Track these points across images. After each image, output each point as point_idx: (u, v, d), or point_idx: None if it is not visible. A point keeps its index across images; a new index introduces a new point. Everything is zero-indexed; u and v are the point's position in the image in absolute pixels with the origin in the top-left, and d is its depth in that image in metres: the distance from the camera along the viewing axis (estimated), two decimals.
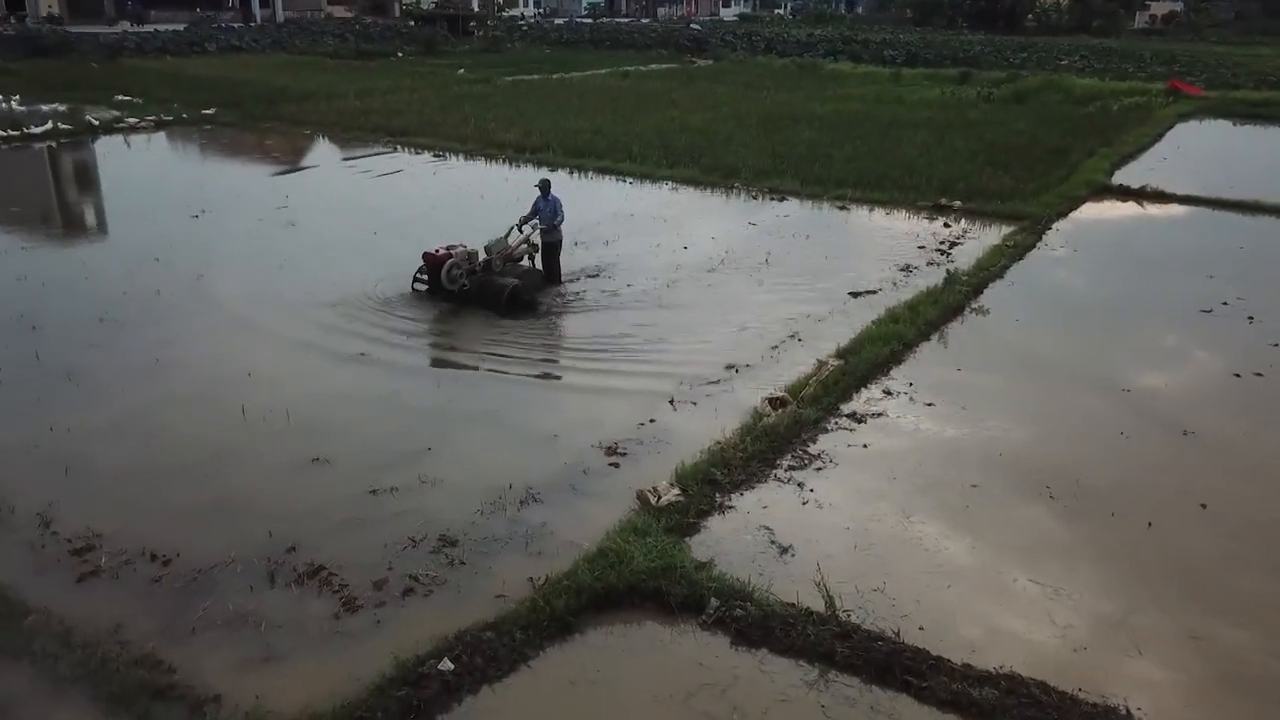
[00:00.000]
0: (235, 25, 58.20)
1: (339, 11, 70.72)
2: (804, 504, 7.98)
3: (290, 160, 23.31)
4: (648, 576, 6.67)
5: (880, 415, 9.64)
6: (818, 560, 7.09)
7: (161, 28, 54.97)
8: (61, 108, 28.43)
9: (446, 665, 5.88)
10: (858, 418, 9.55)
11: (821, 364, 10.59)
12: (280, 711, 5.49)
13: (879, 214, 18.32)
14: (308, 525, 7.47)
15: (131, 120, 26.65)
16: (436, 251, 12.47)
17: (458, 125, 25.66)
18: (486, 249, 12.77)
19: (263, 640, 6.20)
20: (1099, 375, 10.75)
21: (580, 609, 6.46)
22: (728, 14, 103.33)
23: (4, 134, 24.04)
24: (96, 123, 25.92)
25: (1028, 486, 8.31)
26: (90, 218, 18.68)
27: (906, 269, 14.57)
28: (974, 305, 13.08)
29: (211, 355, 10.90)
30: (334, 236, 15.93)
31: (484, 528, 7.50)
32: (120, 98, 30.58)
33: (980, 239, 16.41)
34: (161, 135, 25.92)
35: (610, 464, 8.59)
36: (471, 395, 10.13)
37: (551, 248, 13.43)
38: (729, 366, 10.75)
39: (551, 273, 13.46)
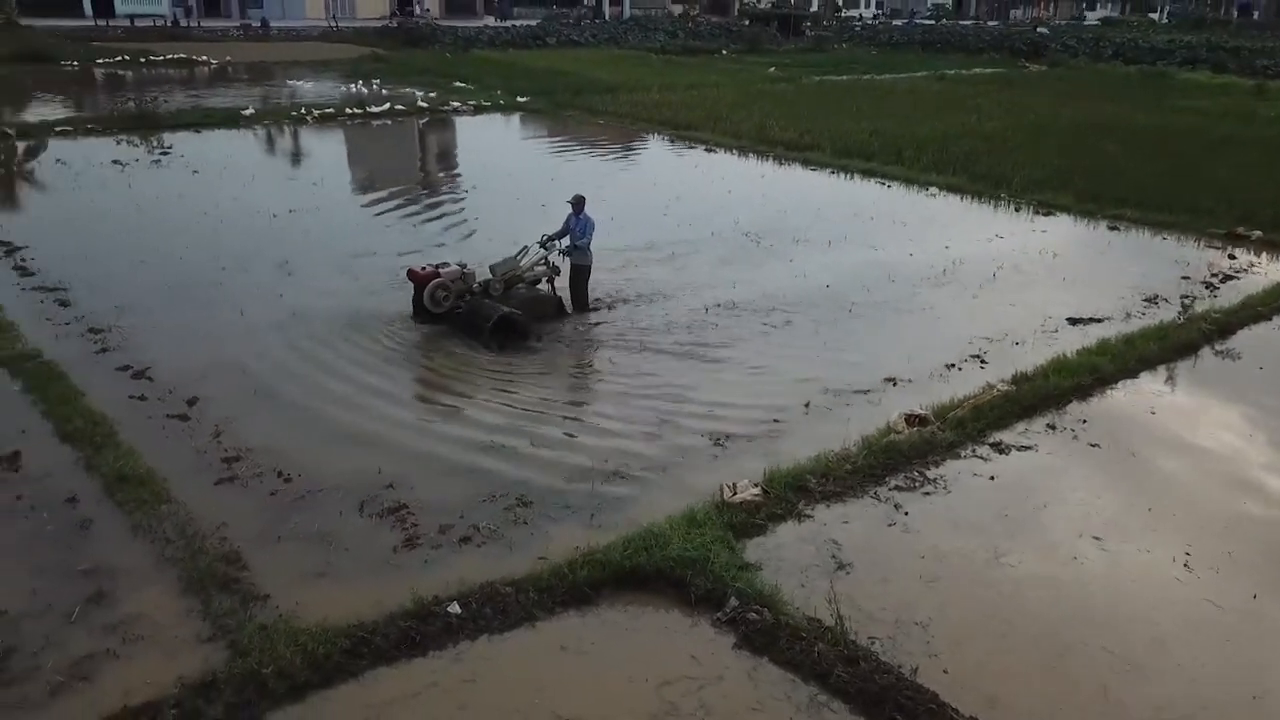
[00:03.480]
0: (583, 21, 62.45)
1: (680, 10, 73.61)
2: (889, 525, 7.57)
3: (569, 143, 24.89)
4: (677, 564, 6.69)
5: (1029, 449, 8.84)
6: (869, 582, 6.77)
7: (518, 23, 60.31)
8: (410, 90, 32.22)
9: (455, 609, 6.31)
10: (1001, 448, 8.83)
11: (989, 388, 9.85)
12: (307, 618, 6.17)
13: (1156, 238, 16.43)
14: (412, 469, 8.21)
15: (455, 104, 29.68)
16: (423, 270, 11.15)
17: (740, 122, 26.05)
18: (491, 269, 11.55)
19: (327, 559, 6.97)
20: None
21: (602, 583, 6.63)
22: (1092, 17, 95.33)
23: (351, 111, 27.71)
24: (425, 105, 29.17)
25: (1158, 574, 7.25)
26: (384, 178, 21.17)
27: (1153, 300, 13.00)
28: (1218, 347, 11.47)
29: None
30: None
31: (561, 496, 7.84)
32: (458, 84, 34.10)
33: (1267, 274, 14.25)
34: (474, 118, 28.62)
35: (712, 454, 8.62)
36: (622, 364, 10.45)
37: (579, 271, 11.95)
38: (888, 379, 10.28)
39: (579, 299, 11.97)
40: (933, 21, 75.30)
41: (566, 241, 11.80)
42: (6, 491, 7.63)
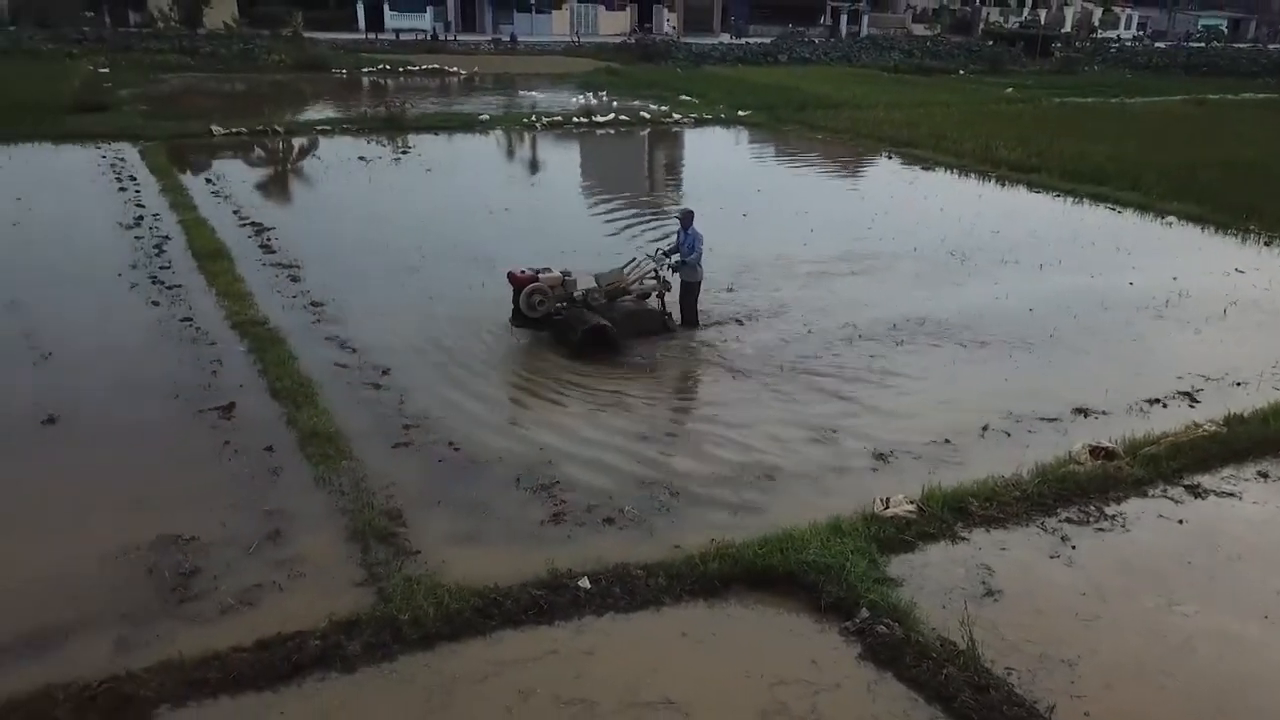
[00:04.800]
0: (816, 40, 62.04)
1: (920, 29, 71.64)
2: (1052, 558, 7.09)
3: (782, 156, 24.79)
4: (811, 569, 6.56)
5: (1231, 496, 8.02)
6: (1018, 612, 6.38)
7: (753, 40, 60.72)
8: (637, 102, 33.20)
9: (585, 584, 6.48)
10: (1197, 491, 8.05)
11: (1194, 427, 9.01)
12: (448, 576, 6.53)
13: None
14: (572, 451, 8.50)
15: (676, 116, 30.30)
16: (523, 273, 10.96)
17: (964, 140, 25.05)
18: (596, 278, 11.32)
19: (478, 524, 7.34)
20: None
21: (734, 578, 6.61)
22: None
23: (578, 120, 28.87)
24: (647, 116, 29.95)
25: None
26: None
27: None
28: None
29: None
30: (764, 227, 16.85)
31: (710, 491, 7.88)
32: (684, 97, 34.77)
33: None
34: (694, 130, 29.08)
35: (871, 468, 8.38)
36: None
37: (688, 288, 11.59)
38: (1079, 409, 9.61)
39: (687, 315, 11.58)
40: (1203, 44, 69.28)
41: (677, 257, 11.51)
42: (218, 436, 8.53)
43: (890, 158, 24.49)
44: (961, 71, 48.58)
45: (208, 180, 19.32)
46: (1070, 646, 6.08)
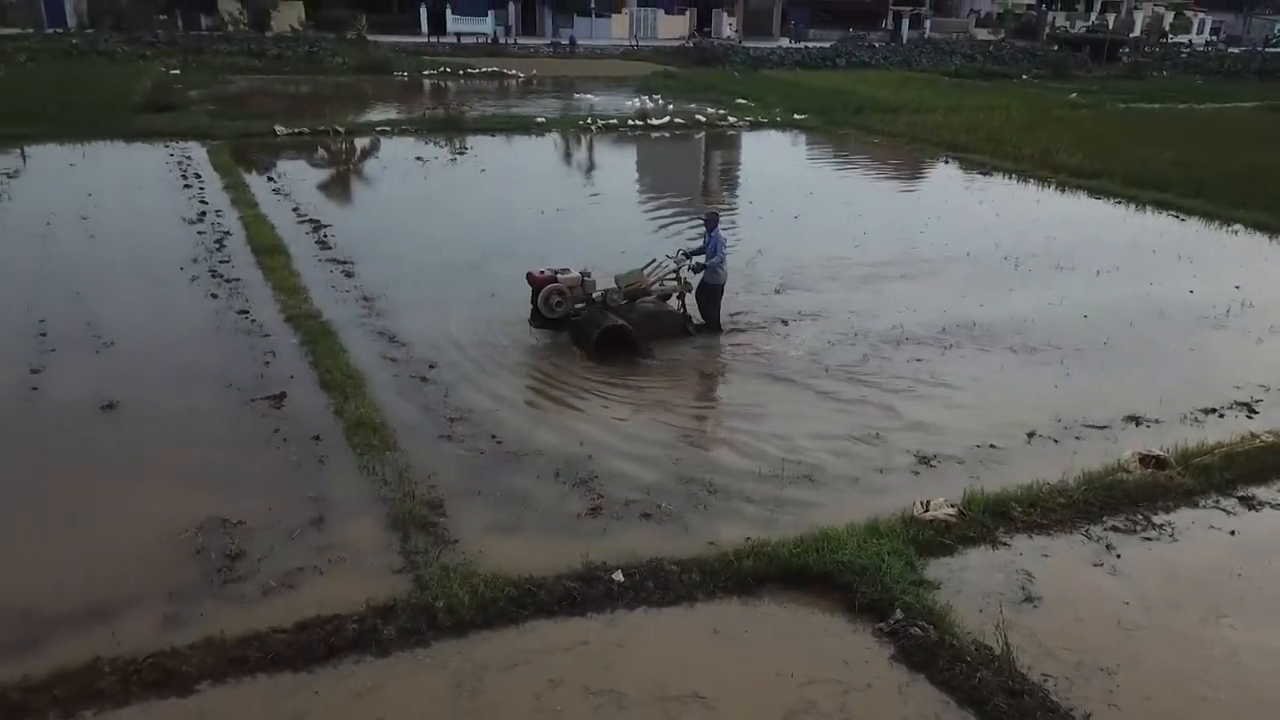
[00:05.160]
0: (876, 44, 61.45)
1: (983, 34, 70.55)
2: (1095, 565, 6.96)
3: (836, 159, 24.60)
4: (846, 569, 6.53)
5: None
6: (1057, 619, 6.28)
7: (812, 44, 60.36)
8: (691, 106, 33.21)
9: (619, 577, 6.52)
10: (1251, 503, 7.85)
11: (1250, 437, 8.78)
12: (484, 565, 6.60)
13: None
14: (615, 444, 8.56)
15: (732, 119, 30.24)
16: (541, 273, 10.87)
17: (1024, 145, 24.59)
18: (615, 279, 11.15)
19: (517, 515, 7.42)
20: None
21: (768, 576, 6.60)
22: None
23: (632, 123, 28.98)
24: (702, 119, 29.93)
25: None
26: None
27: None
28: None
29: None
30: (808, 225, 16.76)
31: (748, 490, 7.86)
32: (739, 101, 34.68)
33: None
34: (748, 133, 29.01)
35: (913, 470, 8.30)
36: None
37: (710, 290, 11.36)
38: (1131, 417, 9.41)
39: (710, 319, 11.41)
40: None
41: (700, 259, 11.33)
42: (268, 425, 8.74)
43: (947, 162, 24.18)
44: (1024, 76, 47.72)
45: (269, 178, 19.77)
46: (1110, 655, 5.97)
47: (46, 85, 29.52)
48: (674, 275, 11.39)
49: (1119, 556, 7.06)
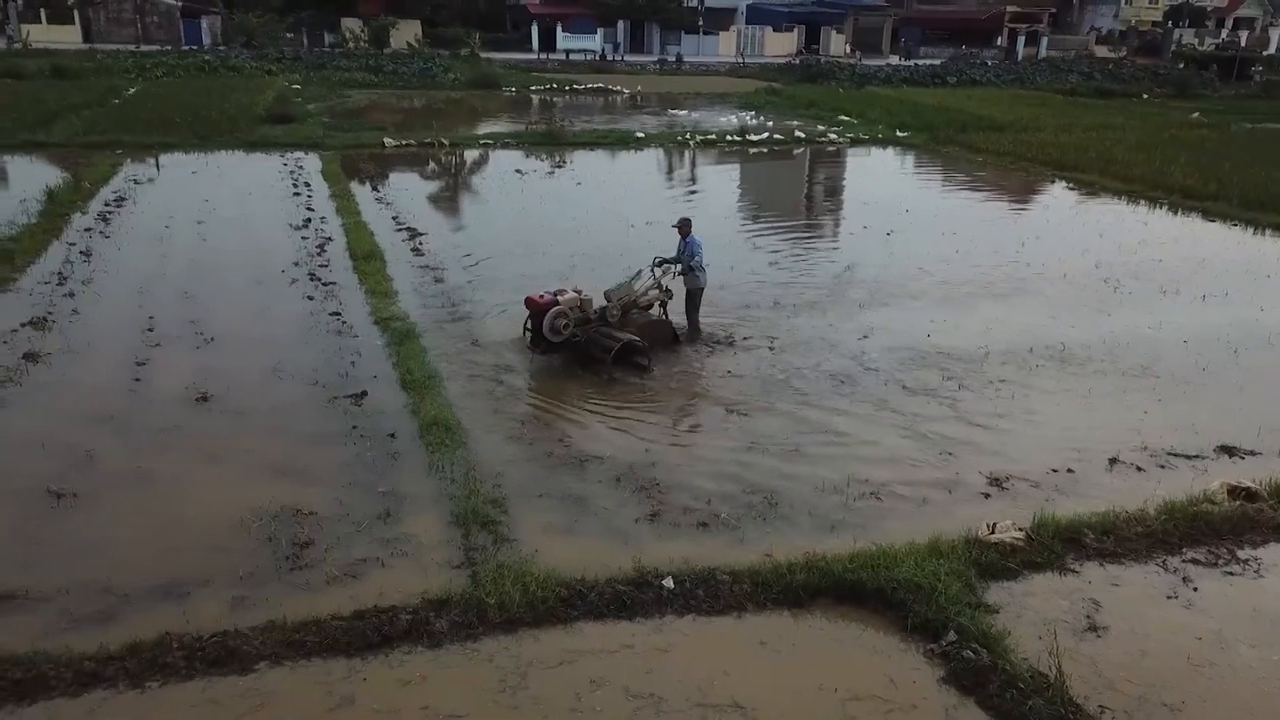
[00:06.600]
0: (989, 61, 60.05)
1: (1103, 51, 68.18)
2: (1169, 598, 6.66)
3: (937, 177, 24.11)
4: (900, 587, 6.40)
5: None
6: (1122, 651, 6.04)
7: (922, 62, 59.40)
8: (792, 122, 33.08)
9: (669, 583, 6.54)
10: None
11: None
12: (539, 565, 6.71)
13: None
14: (680, 452, 8.63)
15: (832, 135, 30.00)
16: (541, 297, 10.44)
17: (1136, 165, 23.70)
18: (606, 295, 10.90)
19: (575, 518, 7.53)
20: None
21: (821, 590, 6.53)
22: None
23: (731, 138, 29.03)
24: (802, 136, 29.77)
25: None
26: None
27: None
28: None
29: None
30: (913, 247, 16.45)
31: (809, 505, 7.79)
32: (842, 117, 34.40)
33: None
34: (848, 150, 28.71)
35: (983, 492, 8.08)
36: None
37: (691, 296, 11.43)
38: (1224, 447, 8.97)
39: (691, 324, 11.46)
40: None
41: (693, 262, 11.34)
42: (347, 421, 9.07)
43: (1052, 182, 23.45)
44: (1145, 95, 45.94)
45: (374, 188, 20.53)
46: (1175, 691, 5.71)
47: (179, 98, 31.32)
48: (656, 285, 11.40)
49: (1196, 590, 6.74)
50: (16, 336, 10.85)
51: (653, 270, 11.44)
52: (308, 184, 20.18)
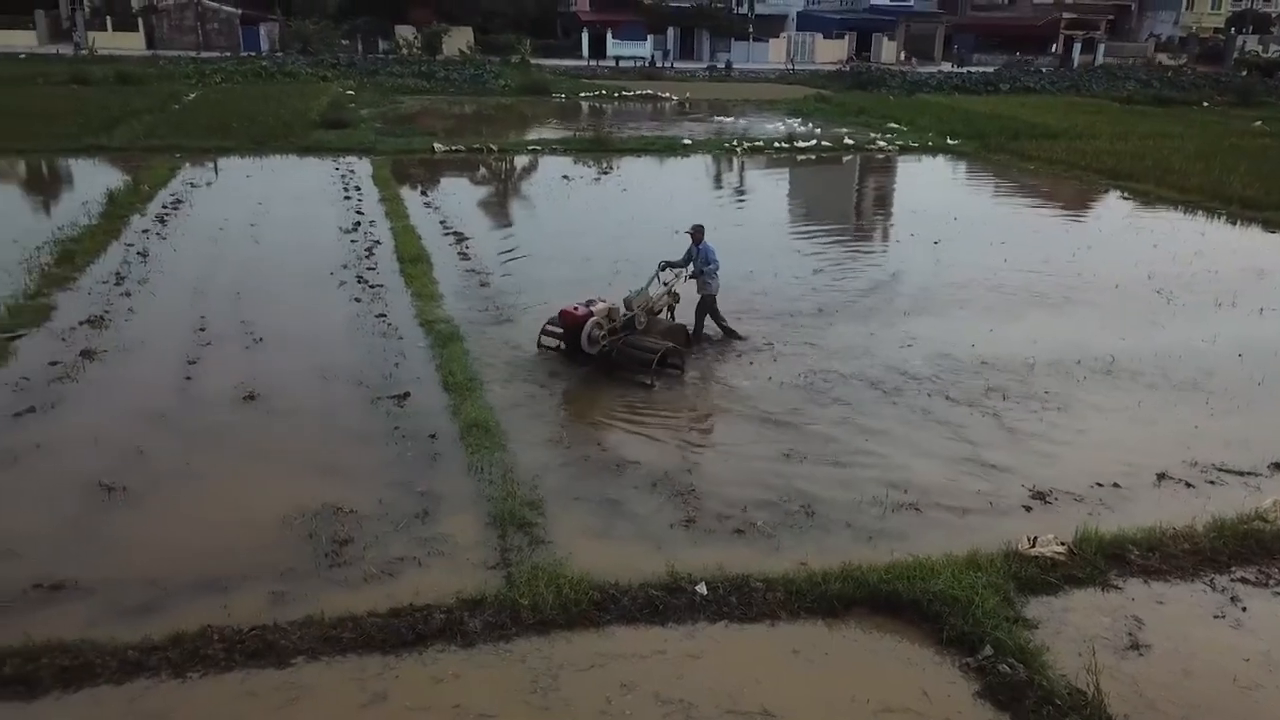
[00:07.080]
0: (1044, 69, 59.15)
1: (1163, 59, 66.80)
2: (1216, 617, 6.51)
3: (986, 185, 23.80)
4: (936, 599, 6.33)
5: None
6: (1165, 671, 5.91)
7: (974, 69, 58.71)
8: (841, 129, 32.88)
9: (702, 589, 6.54)
10: None
11: None
12: (572, 568, 6.73)
13: None
14: (718, 459, 8.62)
15: (881, 143, 29.77)
16: (575, 309, 10.41)
17: (1193, 175, 23.19)
18: (626, 301, 10.94)
19: (611, 522, 7.55)
20: None
21: (856, 600, 6.47)
22: None
23: (779, 145, 28.94)
24: (850, 143, 29.58)
25: None
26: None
27: None
28: None
29: None
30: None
31: (847, 515, 7.73)
32: (891, 125, 34.12)
33: None
34: (897, 157, 28.44)
35: (1025, 506, 7.96)
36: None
37: (703, 301, 11.54)
38: (1276, 464, 8.75)
39: (696, 329, 11.54)
40: None
41: (692, 268, 11.45)
42: (389, 422, 9.19)
43: (1106, 191, 23.03)
44: (1205, 103, 44.95)
45: (422, 192, 20.79)
46: (1220, 714, 5.58)
47: (236, 103, 32.02)
48: (669, 290, 11.54)
49: (1244, 610, 6.58)
50: (75, 334, 11.16)
51: (658, 274, 11.52)
52: (358, 188, 20.49)
